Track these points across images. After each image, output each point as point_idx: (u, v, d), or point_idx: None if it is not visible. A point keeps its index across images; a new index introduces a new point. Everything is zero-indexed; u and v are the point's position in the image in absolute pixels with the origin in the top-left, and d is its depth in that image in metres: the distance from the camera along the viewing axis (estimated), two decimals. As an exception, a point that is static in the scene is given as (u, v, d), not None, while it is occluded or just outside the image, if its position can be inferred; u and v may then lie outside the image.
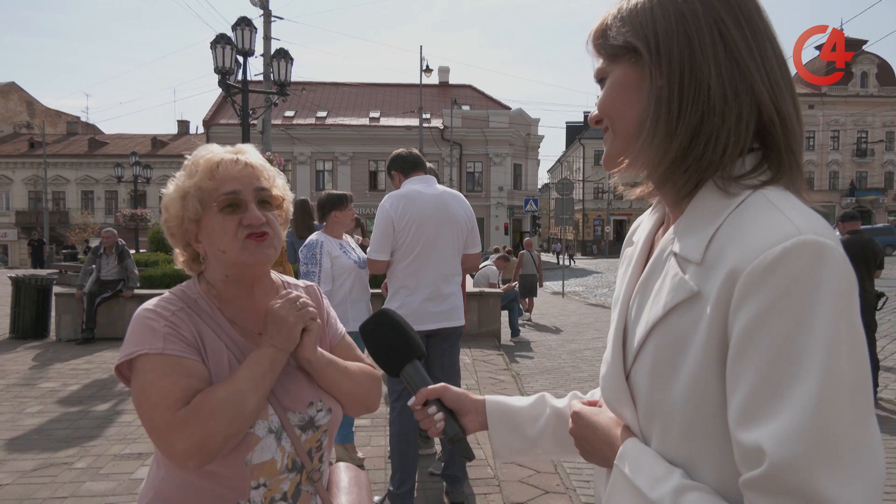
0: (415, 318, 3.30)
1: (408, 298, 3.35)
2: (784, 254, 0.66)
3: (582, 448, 0.94)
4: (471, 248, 3.57)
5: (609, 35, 0.84)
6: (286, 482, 1.23)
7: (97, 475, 3.88)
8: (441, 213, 3.39)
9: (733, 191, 0.76)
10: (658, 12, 0.80)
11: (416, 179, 3.48)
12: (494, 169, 39.35)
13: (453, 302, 3.44)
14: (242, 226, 1.23)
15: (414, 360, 1.13)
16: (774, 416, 0.64)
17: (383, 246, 3.38)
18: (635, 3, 0.82)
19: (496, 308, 9.13)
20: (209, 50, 10.04)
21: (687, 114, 0.77)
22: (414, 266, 3.35)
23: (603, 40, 0.86)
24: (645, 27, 0.80)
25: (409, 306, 3.33)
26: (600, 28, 0.87)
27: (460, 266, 3.52)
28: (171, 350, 1.16)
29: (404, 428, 3.29)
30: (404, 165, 3.54)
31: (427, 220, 3.34)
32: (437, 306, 3.36)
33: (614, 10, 0.85)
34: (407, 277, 3.37)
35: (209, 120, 37.64)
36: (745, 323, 0.67)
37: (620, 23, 0.83)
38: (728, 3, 0.78)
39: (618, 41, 0.83)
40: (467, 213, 3.53)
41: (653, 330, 0.79)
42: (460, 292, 3.53)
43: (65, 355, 7.64)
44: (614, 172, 0.89)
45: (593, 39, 0.88)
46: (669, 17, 0.79)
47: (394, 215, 3.35)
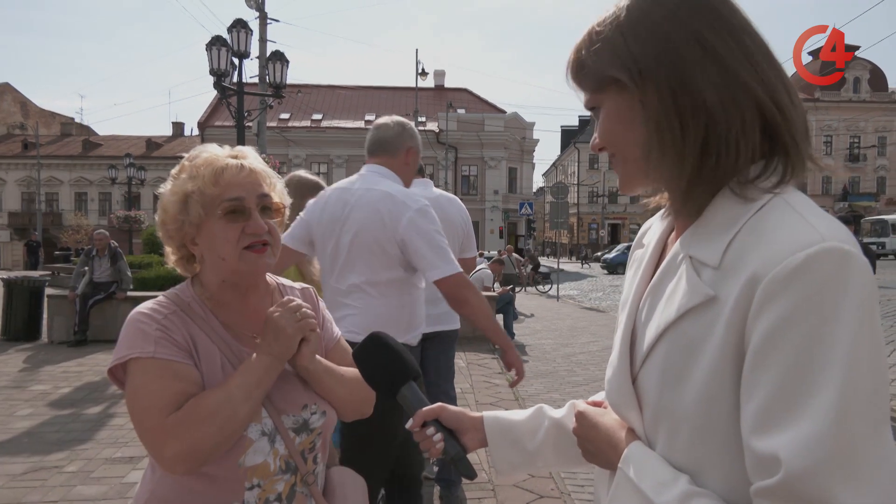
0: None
1: None
2: (808, 260, 0.65)
3: (585, 449, 0.93)
4: (467, 251, 3.55)
5: (588, 68, 0.83)
6: (280, 483, 1.23)
7: (88, 479, 3.85)
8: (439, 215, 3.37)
9: (751, 195, 0.75)
10: (630, 38, 0.78)
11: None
12: (489, 172, 39.41)
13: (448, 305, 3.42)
14: (245, 234, 1.22)
15: (409, 382, 1.11)
16: (792, 425, 0.63)
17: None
18: (605, 32, 0.80)
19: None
20: (204, 52, 10.03)
21: (691, 130, 0.76)
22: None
23: (582, 74, 0.84)
24: (622, 55, 0.78)
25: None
26: (576, 63, 0.85)
27: None
28: (163, 354, 1.15)
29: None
30: None
31: None
32: (432, 309, 3.34)
33: (584, 40, 0.83)
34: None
35: (204, 122, 37.56)
36: (765, 329, 0.66)
37: (595, 56, 0.81)
38: (696, 9, 0.77)
39: (599, 75, 0.81)
40: (463, 217, 3.52)
41: (664, 333, 0.78)
42: None
43: (57, 357, 7.58)
44: (634, 193, 0.88)
45: (572, 75, 0.86)
46: (644, 41, 0.77)
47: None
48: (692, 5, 0.77)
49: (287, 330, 1.21)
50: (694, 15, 0.77)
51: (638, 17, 0.78)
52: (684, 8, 0.77)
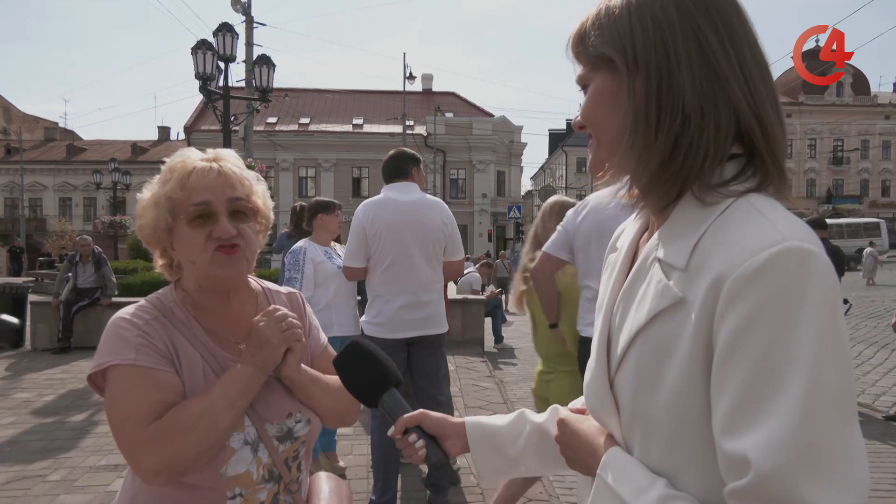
0: (392, 327, 3.28)
1: (384, 307, 3.33)
2: (769, 260, 0.66)
3: (566, 456, 0.93)
4: (451, 255, 3.52)
5: (587, 43, 0.83)
6: (263, 492, 1.21)
7: (72, 488, 3.80)
8: (412, 220, 3.34)
9: (711, 199, 0.75)
10: (636, 21, 0.78)
11: (394, 186, 3.44)
12: (478, 176, 39.46)
13: (433, 309, 3.41)
14: (212, 238, 1.19)
15: (391, 389, 1.10)
16: (760, 425, 0.63)
17: (356, 253, 3.37)
18: (613, 11, 0.81)
19: (480, 315, 9.13)
20: (190, 56, 9.97)
21: (665, 126, 0.76)
22: (388, 274, 3.32)
23: (582, 48, 0.85)
24: (623, 37, 0.79)
25: (386, 314, 3.31)
26: (579, 34, 0.85)
27: (441, 273, 3.49)
28: (143, 361, 1.14)
29: (385, 437, 3.26)
30: (385, 172, 3.51)
31: (398, 227, 3.31)
32: (414, 314, 3.33)
33: (593, 13, 0.84)
34: (382, 286, 3.34)
35: (190, 126, 37.32)
36: (730, 330, 0.67)
37: (598, 31, 0.81)
38: (706, 9, 0.77)
39: (596, 51, 0.82)
40: (444, 221, 3.46)
41: (636, 336, 0.78)
42: (441, 300, 3.50)
43: (40, 365, 7.48)
44: (600, 179, 0.88)
45: (572, 46, 0.87)
46: (647, 27, 0.77)
47: (365, 223, 3.33)
48: (705, 4, 0.77)
49: (272, 340, 1.20)
50: (702, 13, 0.77)
51: (649, 2, 0.78)
52: (697, 4, 0.77)
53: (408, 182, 3.47)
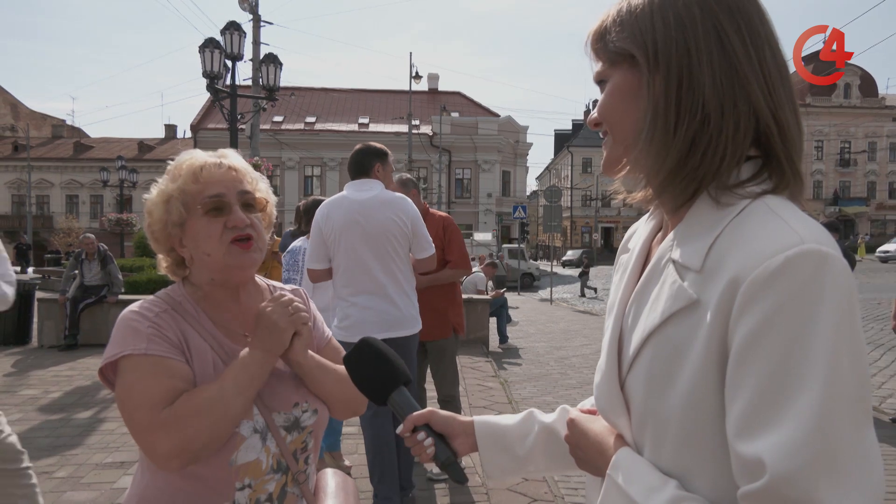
0: (358, 329, 3.14)
1: (349, 310, 3.22)
2: (787, 262, 0.65)
3: (576, 456, 0.92)
4: (418, 252, 3.37)
5: (608, 39, 0.83)
6: (271, 483, 1.23)
7: (78, 485, 3.81)
8: (361, 220, 3.20)
9: (727, 200, 0.75)
10: (658, 18, 0.78)
11: (353, 184, 3.34)
12: (483, 176, 39.45)
13: (399, 311, 3.26)
14: (227, 228, 1.23)
15: (400, 387, 1.11)
16: (775, 428, 0.63)
17: (316, 254, 3.28)
18: (635, 7, 0.80)
19: (484, 315, 9.12)
20: (197, 54, 10.00)
21: (684, 124, 0.75)
22: (347, 275, 3.22)
23: (602, 44, 0.84)
24: (644, 34, 0.78)
25: (353, 317, 3.21)
26: (599, 31, 0.85)
27: (409, 273, 3.36)
28: (155, 350, 1.15)
29: (378, 431, 3.24)
30: (348, 168, 3.41)
31: (347, 226, 3.20)
32: (378, 316, 3.20)
33: (614, 11, 0.83)
34: (343, 288, 3.25)
35: (197, 124, 37.45)
36: (746, 332, 0.66)
37: (619, 27, 0.81)
38: (728, 7, 0.77)
39: (616, 47, 0.81)
40: (402, 218, 3.26)
41: (649, 337, 0.78)
42: (410, 300, 3.35)
43: (46, 362, 7.52)
44: (614, 177, 0.87)
45: (592, 42, 0.86)
46: (669, 24, 0.77)
47: (322, 223, 3.24)
48: (727, 3, 0.77)
49: (279, 324, 1.22)
50: (725, 12, 0.76)
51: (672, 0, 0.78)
52: (720, 3, 0.77)
53: (367, 179, 3.33)
